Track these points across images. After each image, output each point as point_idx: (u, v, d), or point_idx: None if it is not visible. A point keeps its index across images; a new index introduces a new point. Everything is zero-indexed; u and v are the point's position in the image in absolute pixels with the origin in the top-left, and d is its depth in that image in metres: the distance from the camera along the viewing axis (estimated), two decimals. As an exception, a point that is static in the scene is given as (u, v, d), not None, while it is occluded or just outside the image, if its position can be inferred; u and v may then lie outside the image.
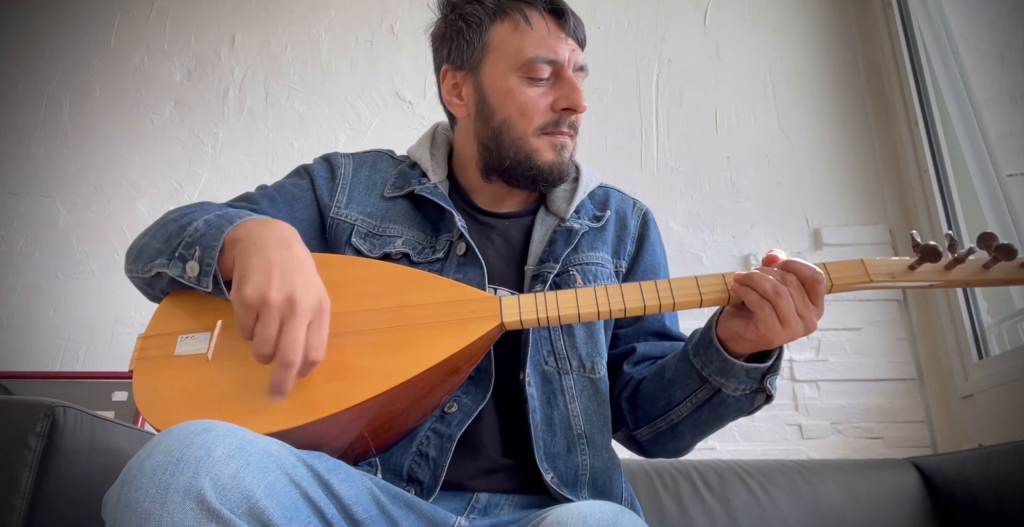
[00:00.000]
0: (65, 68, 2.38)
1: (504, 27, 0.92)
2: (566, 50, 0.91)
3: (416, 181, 0.95)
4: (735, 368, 0.78)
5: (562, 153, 0.91)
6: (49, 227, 2.19)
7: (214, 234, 0.76)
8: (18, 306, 2.09)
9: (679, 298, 0.77)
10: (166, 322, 0.80)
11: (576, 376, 0.87)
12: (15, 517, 0.93)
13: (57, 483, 0.98)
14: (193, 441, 0.55)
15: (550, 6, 0.92)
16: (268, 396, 0.67)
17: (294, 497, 0.59)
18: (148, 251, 0.83)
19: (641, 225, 1.03)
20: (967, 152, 1.87)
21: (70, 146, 2.29)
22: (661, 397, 0.87)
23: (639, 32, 2.33)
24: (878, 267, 0.76)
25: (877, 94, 2.17)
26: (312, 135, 2.27)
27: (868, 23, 2.24)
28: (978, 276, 0.74)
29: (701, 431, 0.87)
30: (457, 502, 0.79)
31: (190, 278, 0.76)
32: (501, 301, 0.78)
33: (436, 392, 0.79)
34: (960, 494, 1.33)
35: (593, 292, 0.78)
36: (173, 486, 0.53)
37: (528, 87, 0.90)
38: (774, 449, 1.84)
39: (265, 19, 2.42)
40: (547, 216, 0.97)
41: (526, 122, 0.90)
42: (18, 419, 0.98)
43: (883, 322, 1.95)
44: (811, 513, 1.37)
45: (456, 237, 0.91)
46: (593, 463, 0.84)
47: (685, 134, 2.20)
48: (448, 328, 0.76)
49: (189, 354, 0.76)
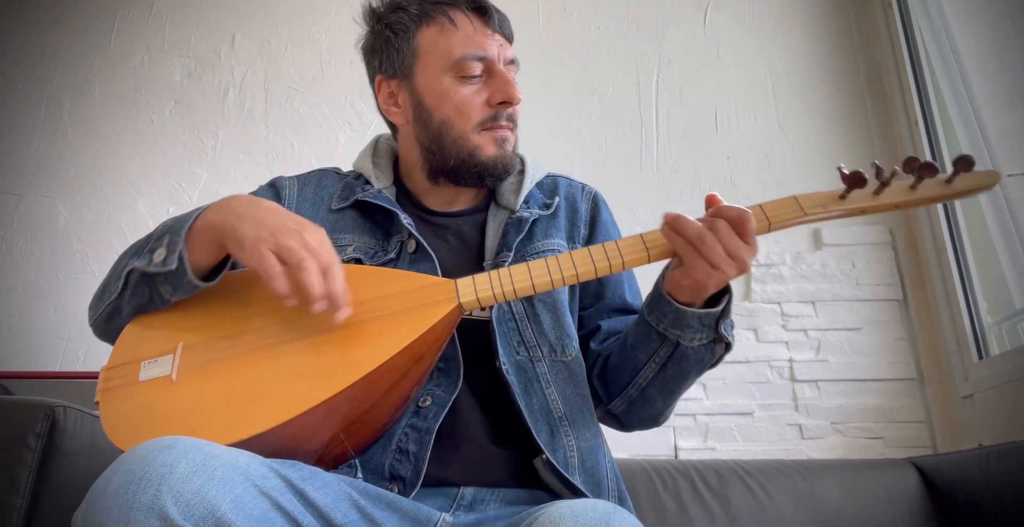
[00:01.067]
0: (65, 68, 2.38)
1: (430, 31, 0.94)
2: (494, 46, 0.93)
3: (360, 189, 0.97)
4: (687, 316, 0.79)
5: (504, 146, 0.93)
6: (49, 227, 2.19)
7: (182, 222, 0.79)
8: (18, 306, 2.10)
9: (627, 256, 0.78)
10: (127, 351, 0.80)
11: (549, 361, 0.88)
12: (15, 517, 0.94)
13: (57, 483, 0.98)
14: (156, 459, 0.56)
15: (473, 5, 0.94)
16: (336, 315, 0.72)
17: (265, 508, 0.58)
18: (113, 273, 0.84)
19: (592, 207, 1.04)
20: (967, 152, 1.86)
21: (70, 146, 2.29)
22: (627, 365, 0.88)
23: (639, 32, 2.33)
24: (810, 200, 0.78)
25: (877, 94, 2.17)
26: (312, 135, 2.27)
27: (868, 23, 2.24)
28: (907, 196, 0.76)
29: (669, 391, 0.88)
30: (443, 499, 0.79)
31: (156, 263, 0.77)
32: (457, 283, 0.79)
33: (404, 383, 0.79)
34: (960, 494, 1.33)
35: (544, 262, 0.79)
36: (136, 505, 0.53)
37: (462, 86, 0.92)
38: (774, 449, 1.84)
39: (265, 19, 2.42)
40: (498, 211, 0.98)
41: (464, 120, 0.92)
42: (18, 419, 0.99)
43: (883, 322, 1.95)
44: (811, 513, 1.37)
45: (406, 236, 0.92)
46: (579, 444, 0.84)
47: (685, 134, 2.20)
48: (407, 315, 0.76)
49: (154, 378, 0.76)
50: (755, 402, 1.90)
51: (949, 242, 1.86)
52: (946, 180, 0.76)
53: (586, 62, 2.30)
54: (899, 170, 0.75)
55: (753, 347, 1.95)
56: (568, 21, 2.35)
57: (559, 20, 2.35)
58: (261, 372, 0.74)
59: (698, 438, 1.87)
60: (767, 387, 1.91)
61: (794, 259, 2.02)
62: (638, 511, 1.37)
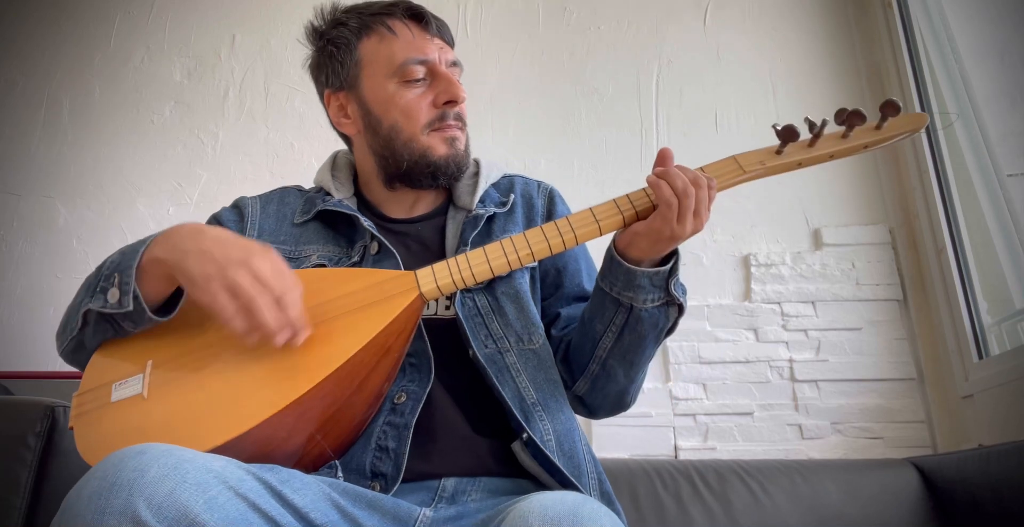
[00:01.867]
0: (65, 68, 2.38)
1: (371, 41, 0.97)
2: (434, 49, 0.96)
3: (321, 201, 0.98)
4: (638, 276, 0.82)
5: (455, 145, 0.96)
6: (49, 227, 2.19)
7: (129, 259, 0.79)
8: (18, 306, 2.10)
9: (579, 230, 0.80)
10: (97, 376, 0.81)
11: (517, 351, 0.89)
12: (15, 516, 0.94)
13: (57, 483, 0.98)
14: (127, 465, 0.56)
15: (410, 12, 0.97)
16: (297, 338, 0.73)
17: (241, 509, 0.59)
18: (72, 309, 0.85)
19: (548, 202, 1.06)
20: (967, 152, 1.87)
21: (70, 146, 2.29)
22: (586, 340, 0.90)
23: (639, 32, 2.33)
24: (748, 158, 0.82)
25: (877, 94, 2.17)
26: (312, 135, 2.27)
27: (868, 23, 2.24)
28: (840, 145, 0.78)
29: (629, 361, 0.89)
30: (425, 493, 0.80)
31: (112, 305, 0.77)
32: (416, 274, 0.81)
33: (374, 377, 0.80)
34: (960, 494, 1.33)
35: (500, 245, 0.81)
36: (108, 510, 0.54)
37: (406, 90, 0.94)
38: (774, 449, 1.84)
39: (265, 19, 2.42)
40: (456, 212, 1.01)
41: (412, 123, 0.94)
42: (18, 419, 0.99)
43: (883, 322, 1.95)
44: (811, 513, 1.37)
45: (368, 240, 0.94)
46: (555, 427, 0.85)
47: (685, 134, 2.20)
48: (370, 310, 0.77)
49: (126, 398, 0.76)
50: (755, 402, 1.90)
51: (949, 242, 1.86)
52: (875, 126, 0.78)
53: (586, 62, 2.30)
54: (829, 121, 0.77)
55: (753, 347, 1.95)
56: (568, 21, 2.35)
57: (559, 20, 2.35)
58: (230, 380, 0.75)
59: (698, 438, 1.87)
60: (767, 387, 1.91)
61: (794, 259, 2.02)
62: (638, 511, 1.37)
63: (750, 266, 2.03)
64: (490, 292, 0.92)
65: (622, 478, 1.41)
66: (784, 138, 0.79)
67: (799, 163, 0.80)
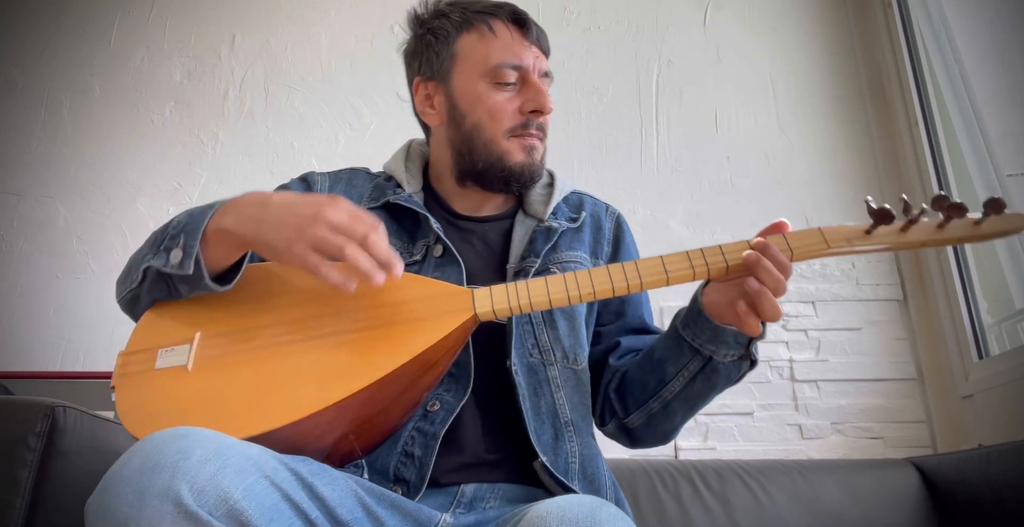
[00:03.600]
0: (65, 68, 2.38)
1: (471, 37, 0.97)
2: (530, 56, 0.96)
3: (391, 192, 0.99)
4: (725, 334, 0.81)
5: (532, 154, 0.95)
6: (49, 227, 2.19)
7: (197, 221, 0.79)
8: (18, 306, 2.09)
9: (646, 278, 0.78)
10: (145, 338, 0.81)
11: (560, 367, 0.90)
12: (15, 517, 0.94)
13: (57, 483, 0.98)
14: (170, 446, 0.56)
15: (514, 16, 0.98)
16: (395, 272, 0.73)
17: (275, 498, 0.59)
18: (135, 261, 0.86)
19: (616, 227, 1.07)
20: (967, 152, 1.87)
21: (70, 146, 2.29)
22: (652, 378, 0.89)
23: (639, 32, 2.33)
24: (835, 234, 0.77)
25: (877, 94, 2.17)
26: (312, 135, 2.27)
27: (868, 23, 2.24)
28: (934, 236, 0.75)
29: (692, 405, 0.89)
30: (443, 498, 0.80)
31: (173, 265, 0.78)
32: (474, 293, 0.80)
33: (415, 388, 0.80)
34: (960, 494, 1.33)
35: (563, 278, 0.79)
36: (150, 490, 0.54)
37: (496, 92, 0.94)
38: (774, 449, 1.84)
39: (265, 19, 2.42)
40: (525, 218, 1.01)
41: (496, 125, 0.94)
42: (18, 419, 0.99)
43: (883, 322, 1.95)
44: (811, 513, 1.37)
45: (433, 240, 0.94)
46: (581, 450, 0.86)
47: (685, 134, 2.20)
48: (423, 323, 0.77)
49: (169, 366, 0.77)
50: (755, 402, 1.90)
51: (949, 242, 1.86)
52: (975, 222, 0.75)
53: (586, 62, 2.30)
54: (928, 208, 0.74)
55: (753, 347, 1.95)
56: (568, 21, 2.35)
57: (559, 20, 2.35)
58: (276, 369, 0.75)
59: (698, 438, 1.87)
60: (767, 387, 1.91)
61: (794, 259, 2.02)
62: (638, 511, 1.37)
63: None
64: None
65: (622, 478, 1.40)
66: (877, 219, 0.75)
67: (888, 247, 0.77)
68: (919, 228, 0.75)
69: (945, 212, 0.74)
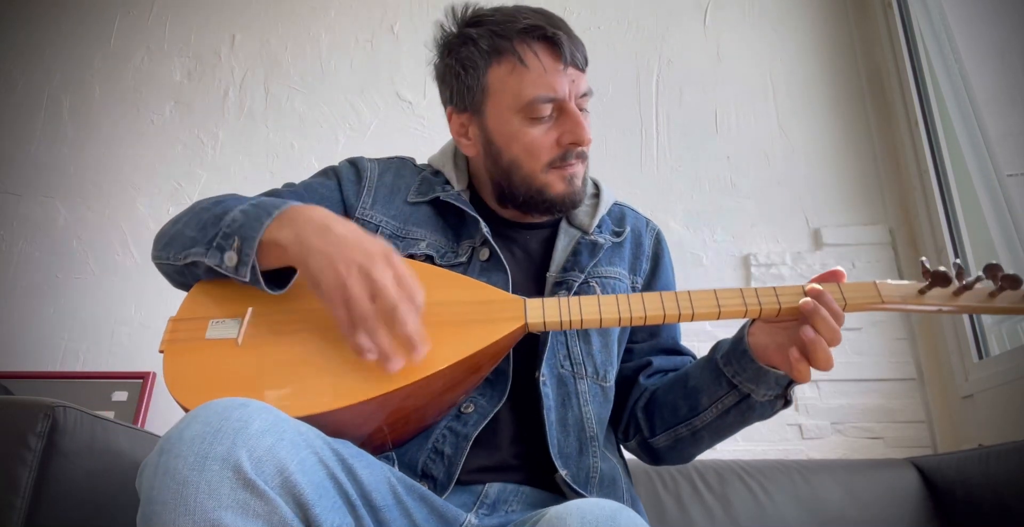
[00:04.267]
0: (65, 68, 2.38)
1: (501, 70, 0.91)
2: (565, 83, 0.91)
3: (440, 188, 0.98)
4: (768, 376, 0.82)
5: (573, 182, 0.93)
6: (49, 227, 2.19)
7: (253, 226, 0.78)
8: (18, 306, 2.09)
9: (698, 310, 0.79)
10: (197, 307, 0.81)
11: (590, 382, 0.90)
12: (15, 517, 0.93)
13: (57, 483, 0.98)
14: (231, 414, 0.57)
15: (545, 39, 0.91)
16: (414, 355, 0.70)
17: (322, 476, 0.60)
18: (182, 239, 0.84)
19: (655, 244, 1.08)
20: (967, 152, 1.87)
21: (70, 146, 2.29)
22: (684, 404, 0.90)
23: (639, 32, 2.33)
24: (890, 290, 0.79)
25: (877, 94, 2.17)
26: (312, 135, 2.27)
27: (868, 23, 2.24)
28: (984, 303, 0.77)
29: (720, 436, 0.91)
30: (467, 497, 0.80)
31: (228, 268, 0.78)
32: (526, 303, 0.80)
33: (456, 389, 0.81)
34: (960, 494, 1.33)
35: (615, 299, 0.80)
36: (211, 455, 0.55)
37: (531, 127, 0.91)
38: (774, 449, 1.84)
39: (265, 19, 2.42)
40: (569, 228, 1.00)
41: (534, 161, 0.91)
42: (18, 419, 0.98)
43: (883, 322, 1.95)
44: (811, 513, 1.37)
45: (479, 243, 0.93)
46: (603, 465, 0.86)
47: (685, 134, 2.20)
48: (474, 326, 0.78)
49: (219, 338, 0.77)
50: (755, 402, 1.89)
51: (949, 242, 1.86)
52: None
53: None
54: (983, 276, 0.76)
55: (753, 347, 1.95)
56: (568, 21, 2.34)
57: (559, 20, 2.34)
58: (324, 353, 0.75)
59: (698, 438, 1.87)
60: (767, 387, 1.91)
61: (794, 259, 2.02)
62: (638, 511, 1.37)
63: (750, 266, 2.03)
64: None
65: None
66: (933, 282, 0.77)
67: (939, 309, 0.79)
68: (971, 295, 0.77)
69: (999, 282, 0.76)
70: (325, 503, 0.59)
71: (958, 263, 0.77)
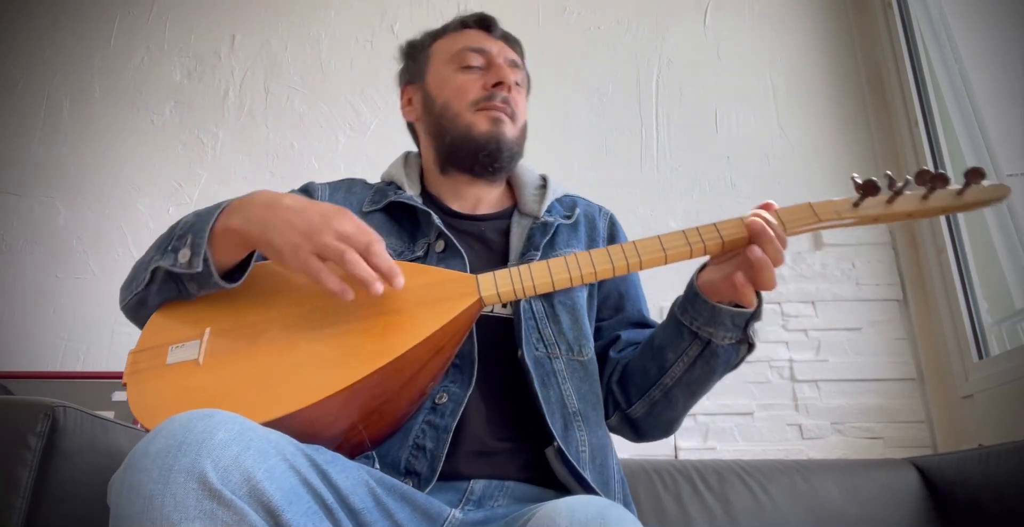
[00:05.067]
0: (65, 68, 2.38)
1: (443, 40, 1.07)
2: (494, 46, 1.04)
3: (393, 193, 1.02)
4: (722, 314, 0.83)
5: (497, 124, 0.99)
6: (49, 227, 2.19)
7: (203, 220, 0.81)
8: (18, 306, 2.09)
9: (644, 256, 0.80)
10: (155, 336, 0.82)
11: (566, 359, 0.91)
12: (15, 517, 0.93)
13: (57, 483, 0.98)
14: (195, 426, 0.57)
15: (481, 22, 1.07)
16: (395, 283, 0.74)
17: (294, 482, 0.60)
18: (141, 264, 0.87)
19: (610, 226, 1.10)
20: (967, 152, 1.87)
21: (70, 146, 2.29)
22: (652, 365, 0.91)
23: (639, 32, 2.33)
24: (825, 207, 0.80)
25: (877, 94, 2.17)
26: (312, 135, 2.27)
27: (868, 23, 2.24)
28: (919, 206, 0.78)
29: (692, 391, 0.91)
30: (452, 493, 0.80)
31: (182, 264, 0.80)
32: (478, 278, 0.81)
33: (423, 375, 0.80)
34: (960, 494, 1.33)
35: (564, 260, 0.81)
36: (176, 468, 0.55)
37: (462, 73, 1.02)
38: (774, 449, 1.84)
39: (265, 19, 2.42)
40: (521, 218, 1.03)
41: (461, 100, 1.00)
42: (18, 419, 0.98)
43: (883, 322, 1.95)
44: (811, 513, 1.37)
45: (434, 237, 0.96)
46: (591, 439, 0.87)
47: (685, 134, 2.20)
48: (429, 307, 0.78)
49: (180, 361, 0.78)
50: (755, 402, 1.90)
51: (949, 242, 1.87)
52: (957, 191, 0.77)
53: (586, 62, 2.30)
54: (911, 180, 0.77)
55: (753, 347, 1.95)
56: (568, 21, 2.35)
57: (559, 20, 2.35)
58: (285, 357, 0.76)
59: (698, 438, 1.87)
60: (767, 387, 1.91)
61: (794, 259, 2.02)
62: (638, 511, 1.37)
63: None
64: (547, 299, 0.94)
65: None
66: (864, 192, 0.78)
67: (875, 218, 0.80)
68: (904, 199, 0.78)
69: (928, 183, 0.76)
70: (297, 508, 0.59)
71: (889, 174, 0.78)
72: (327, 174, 2.21)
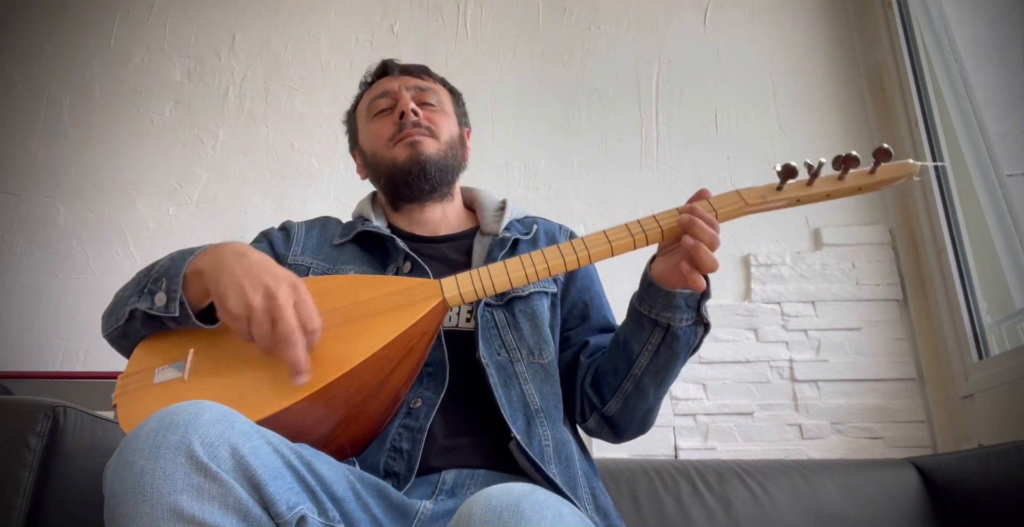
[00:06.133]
0: (65, 68, 2.38)
1: (361, 102, 1.18)
2: (395, 83, 1.13)
3: (360, 225, 1.09)
4: (676, 297, 0.88)
5: (414, 147, 1.07)
6: (49, 227, 2.19)
7: (177, 265, 0.85)
8: (18, 306, 2.10)
9: (592, 249, 0.86)
10: (142, 361, 0.86)
11: (527, 362, 0.96)
12: (16, 517, 0.94)
13: (58, 483, 0.98)
14: (183, 409, 0.62)
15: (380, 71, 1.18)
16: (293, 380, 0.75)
17: (278, 464, 0.64)
18: (120, 300, 0.91)
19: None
20: (967, 152, 1.87)
21: (70, 146, 2.29)
22: (621, 361, 0.96)
23: (639, 32, 2.33)
24: (751, 193, 0.88)
25: (877, 94, 2.18)
26: (312, 135, 2.27)
27: (868, 23, 2.24)
28: (836, 186, 0.85)
29: (661, 379, 0.95)
30: (426, 487, 0.84)
31: (159, 308, 0.84)
32: (441, 282, 0.87)
33: (396, 375, 0.85)
34: (960, 494, 1.33)
35: (519, 260, 0.87)
36: (164, 444, 0.58)
37: (376, 120, 1.11)
38: (774, 449, 1.84)
39: (265, 19, 2.42)
40: (482, 237, 1.10)
41: (379, 141, 1.09)
42: (18, 419, 0.99)
43: (883, 322, 1.95)
44: (811, 513, 1.37)
45: (401, 260, 1.02)
46: (554, 434, 0.90)
47: (685, 134, 2.20)
48: (396, 311, 0.84)
49: (167, 380, 0.82)
50: (755, 402, 1.90)
51: (949, 242, 1.87)
52: (869, 171, 0.84)
53: (586, 62, 2.30)
54: (826, 162, 0.83)
55: (753, 347, 1.95)
56: (568, 21, 2.35)
57: (559, 20, 2.35)
58: (265, 367, 0.79)
59: (698, 438, 1.87)
60: (767, 387, 1.91)
61: (794, 259, 2.02)
62: (638, 511, 1.37)
63: (750, 266, 2.03)
64: (508, 309, 1.00)
65: (622, 478, 1.41)
66: (784, 176, 0.85)
67: (797, 200, 0.87)
68: (822, 181, 0.85)
69: (843, 164, 0.83)
70: (280, 483, 0.62)
71: (808, 162, 0.84)
72: (327, 174, 2.21)
